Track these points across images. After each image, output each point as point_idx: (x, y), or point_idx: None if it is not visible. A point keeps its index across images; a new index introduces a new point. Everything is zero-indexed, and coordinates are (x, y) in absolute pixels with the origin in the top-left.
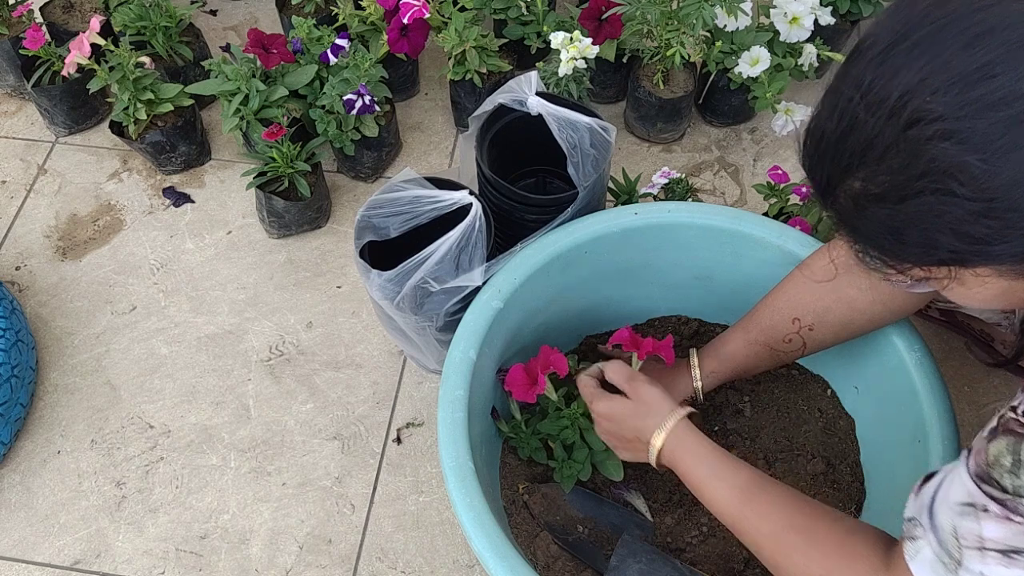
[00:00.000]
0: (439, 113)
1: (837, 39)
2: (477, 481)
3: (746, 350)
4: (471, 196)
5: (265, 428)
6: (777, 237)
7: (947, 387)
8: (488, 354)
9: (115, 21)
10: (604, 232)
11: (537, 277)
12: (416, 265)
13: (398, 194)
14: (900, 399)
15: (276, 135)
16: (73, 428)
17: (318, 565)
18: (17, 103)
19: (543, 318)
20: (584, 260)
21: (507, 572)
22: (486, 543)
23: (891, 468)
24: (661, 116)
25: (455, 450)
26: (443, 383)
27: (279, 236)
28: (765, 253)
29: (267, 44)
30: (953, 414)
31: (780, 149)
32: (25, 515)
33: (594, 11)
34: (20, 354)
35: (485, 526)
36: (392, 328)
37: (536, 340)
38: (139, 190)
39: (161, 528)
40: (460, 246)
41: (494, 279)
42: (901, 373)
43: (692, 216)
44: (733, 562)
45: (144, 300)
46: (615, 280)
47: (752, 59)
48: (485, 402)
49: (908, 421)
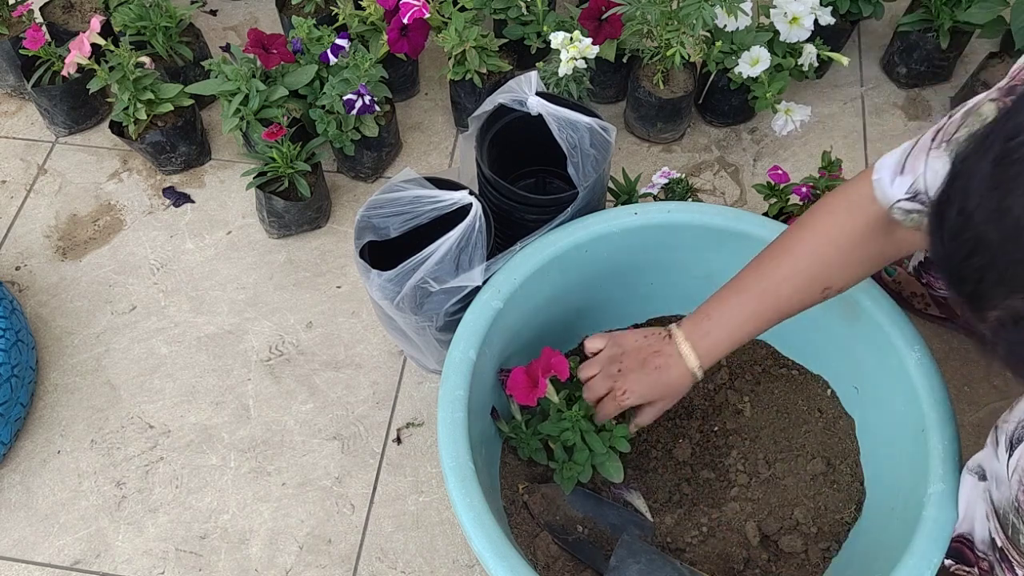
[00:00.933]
0: (439, 113)
1: (837, 39)
2: (477, 481)
3: (753, 325)
4: (471, 196)
5: (265, 428)
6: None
7: (947, 387)
8: (488, 354)
9: (115, 21)
10: (604, 232)
11: (537, 277)
12: (416, 265)
13: (398, 194)
14: (900, 399)
15: (276, 135)
16: (73, 428)
17: (318, 565)
18: (17, 103)
19: (543, 318)
20: (584, 260)
21: (507, 572)
22: (486, 543)
23: (891, 468)
24: (661, 116)
25: (455, 450)
26: (443, 383)
27: (279, 236)
28: None
29: (267, 44)
30: (953, 414)
31: (780, 149)
32: (25, 515)
33: (594, 11)
34: (20, 354)
35: (485, 526)
36: (392, 328)
37: (536, 340)
38: (139, 190)
39: (161, 528)
40: (460, 246)
41: (494, 279)
42: (901, 373)
43: (692, 216)
44: (733, 562)
45: (144, 300)
46: (615, 280)
47: (752, 59)
48: (485, 402)
49: (908, 421)
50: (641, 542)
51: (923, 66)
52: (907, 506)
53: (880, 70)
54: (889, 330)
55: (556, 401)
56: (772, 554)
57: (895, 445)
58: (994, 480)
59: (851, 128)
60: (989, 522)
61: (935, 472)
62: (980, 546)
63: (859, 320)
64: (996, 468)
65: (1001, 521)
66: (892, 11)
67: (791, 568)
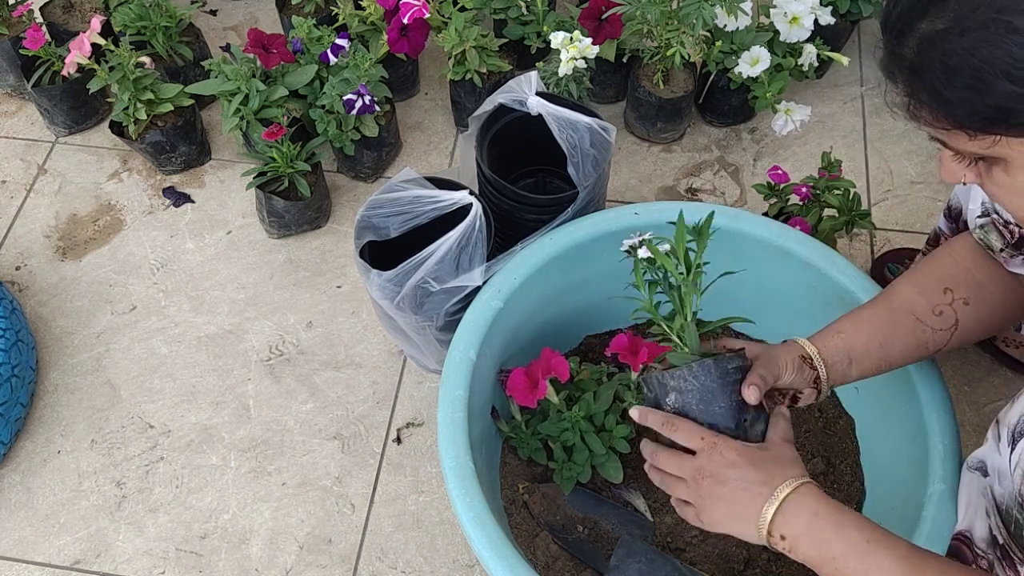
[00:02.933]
0: (439, 113)
1: (837, 39)
2: (477, 481)
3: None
4: (471, 196)
5: (265, 428)
6: (777, 237)
7: (947, 387)
8: (488, 354)
9: (115, 21)
10: (604, 232)
11: (537, 277)
12: (416, 265)
13: (398, 194)
14: (900, 399)
15: (276, 135)
16: (73, 428)
17: (318, 565)
18: (17, 103)
19: (543, 318)
20: (584, 260)
21: (507, 572)
22: (486, 543)
23: (891, 468)
24: (661, 116)
25: (455, 450)
26: (443, 383)
27: (279, 236)
28: (765, 253)
29: (267, 44)
30: (954, 415)
31: (780, 149)
32: (25, 515)
33: (594, 11)
34: (20, 354)
35: (485, 526)
36: (392, 328)
37: (536, 340)
38: (139, 190)
39: (161, 528)
40: (460, 246)
41: (494, 279)
42: (901, 374)
43: (692, 216)
44: (733, 562)
45: (144, 300)
46: (615, 280)
47: (752, 59)
48: (485, 402)
49: (908, 422)
50: (641, 542)
51: None
52: (907, 506)
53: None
54: None
55: (556, 402)
56: (772, 553)
57: (895, 445)
58: (996, 475)
59: (851, 128)
60: (990, 519)
61: (935, 472)
62: (980, 544)
63: None
64: (998, 463)
65: (1003, 517)
66: None
67: (791, 567)
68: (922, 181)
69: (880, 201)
